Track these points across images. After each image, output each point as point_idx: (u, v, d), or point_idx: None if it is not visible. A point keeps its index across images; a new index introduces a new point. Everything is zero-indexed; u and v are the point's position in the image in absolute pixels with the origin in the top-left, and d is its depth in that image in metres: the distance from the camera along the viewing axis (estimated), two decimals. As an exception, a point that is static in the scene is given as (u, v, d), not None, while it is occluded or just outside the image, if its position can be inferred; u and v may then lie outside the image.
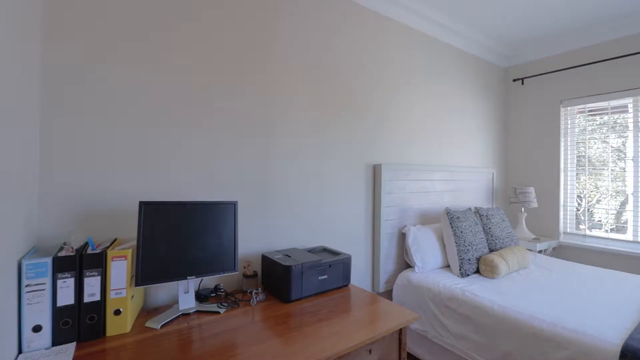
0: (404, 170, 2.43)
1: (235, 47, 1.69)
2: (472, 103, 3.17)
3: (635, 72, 2.72)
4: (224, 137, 1.65)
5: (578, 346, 1.43)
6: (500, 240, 2.48)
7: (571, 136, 3.17)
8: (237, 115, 1.69)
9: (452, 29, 2.83)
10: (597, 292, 1.92)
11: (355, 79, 2.22)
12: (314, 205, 2.00)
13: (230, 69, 1.67)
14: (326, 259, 1.62)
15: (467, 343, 1.80)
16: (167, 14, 1.49)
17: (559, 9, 2.55)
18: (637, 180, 2.79)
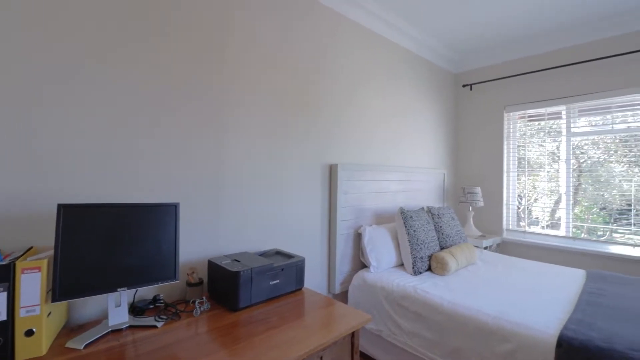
0: (360, 171, 2.42)
1: (186, 46, 1.55)
2: (426, 106, 3.27)
3: (567, 82, 2.97)
4: (170, 136, 1.51)
5: (520, 338, 1.50)
6: (450, 238, 2.58)
7: (513, 140, 3.40)
8: (184, 113, 1.56)
9: (408, 33, 2.90)
10: (536, 285, 2.05)
11: (312, 78, 2.16)
12: (268, 207, 1.91)
13: (179, 67, 1.53)
14: (279, 263, 1.54)
15: (419, 340, 1.83)
16: (115, 9, 1.32)
17: (503, 22, 2.71)
18: (568, 181, 3.05)
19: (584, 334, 1.39)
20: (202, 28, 1.63)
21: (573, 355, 1.34)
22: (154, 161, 1.47)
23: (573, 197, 3.07)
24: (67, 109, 1.26)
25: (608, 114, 2.86)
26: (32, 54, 1.19)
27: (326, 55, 2.27)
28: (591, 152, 3.04)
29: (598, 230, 2.97)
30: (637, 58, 2.63)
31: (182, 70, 1.55)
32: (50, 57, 1.23)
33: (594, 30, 2.78)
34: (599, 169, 2.97)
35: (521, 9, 2.55)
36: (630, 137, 2.78)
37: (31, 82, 1.19)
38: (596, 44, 2.82)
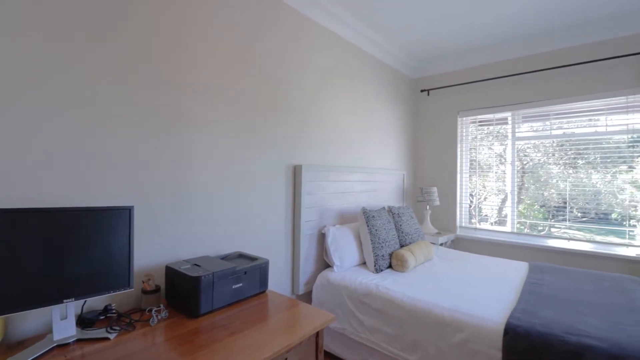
0: (324, 172, 2.45)
1: (144, 47, 1.46)
2: (387, 108, 3.38)
3: (513, 90, 3.23)
4: (126, 137, 1.41)
5: (472, 328, 1.60)
6: (409, 236, 2.69)
7: (465, 143, 3.63)
8: (142, 114, 1.47)
9: (372, 39, 2.98)
10: (486, 278, 2.21)
11: (277, 79, 2.15)
12: (231, 209, 1.86)
13: (138, 67, 1.44)
14: (241, 266, 1.51)
15: (380, 335, 1.88)
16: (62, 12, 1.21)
17: (458, 34, 2.88)
18: (513, 181, 3.32)
19: (527, 322, 1.53)
20: (162, 28, 1.55)
21: (518, 341, 1.46)
22: (109, 163, 1.37)
23: (517, 195, 3.35)
24: (17, 110, 1.13)
25: (547, 120, 3.15)
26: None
27: (292, 57, 2.27)
28: (533, 155, 3.34)
29: (539, 225, 3.26)
30: (571, 71, 2.93)
31: (139, 71, 1.47)
32: None
33: (536, 45, 3.05)
34: (539, 170, 3.27)
35: (474, 24, 2.73)
36: (565, 142, 3.09)
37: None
38: (537, 57, 3.10)
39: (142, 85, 1.49)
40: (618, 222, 2.85)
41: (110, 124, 1.39)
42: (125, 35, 1.43)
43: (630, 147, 2.79)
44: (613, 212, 2.87)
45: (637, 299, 1.80)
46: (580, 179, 3.02)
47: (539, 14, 2.58)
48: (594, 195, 2.95)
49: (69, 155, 1.28)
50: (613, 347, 1.31)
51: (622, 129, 2.78)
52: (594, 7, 2.48)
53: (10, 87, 1.15)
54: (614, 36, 2.72)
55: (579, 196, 3.03)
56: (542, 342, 1.41)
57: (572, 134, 3.04)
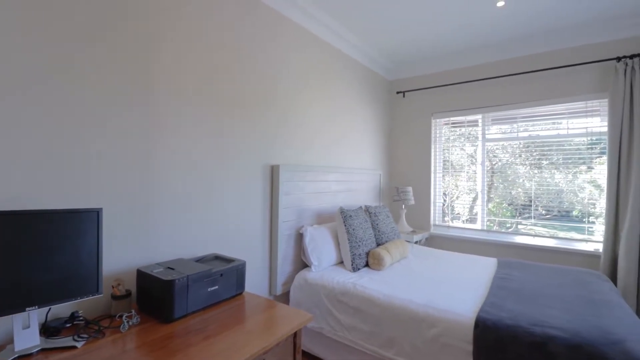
0: (302, 172, 2.45)
1: (116, 45, 1.40)
2: (364, 109, 3.43)
3: (483, 94, 3.37)
4: (94, 137, 1.35)
5: (445, 323, 1.66)
6: (385, 234, 2.74)
7: (439, 143, 3.74)
8: (113, 113, 1.41)
9: (350, 41, 3.02)
10: (458, 274, 2.29)
11: (254, 79, 2.12)
12: (206, 210, 1.82)
13: (109, 66, 1.37)
14: (217, 268, 1.48)
15: (357, 333, 1.91)
16: None
17: (433, 39, 2.97)
18: (483, 181, 3.47)
19: (496, 315, 1.60)
20: (138, 29, 1.49)
21: (487, 333, 1.53)
22: (77, 164, 1.31)
23: (487, 194, 3.49)
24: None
25: (514, 123, 3.31)
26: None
27: (270, 57, 2.25)
28: (501, 156, 3.50)
29: (507, 223, 3.42)
30: (536, 77, 3.09)
31: (112, 70, 1.41)
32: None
33: (504, 51, 3.20)
34: (507, 170, 3.43)
35: (446, 30, 2.82)
36: (531, 144, 3.26)
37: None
38: (506, 62, 3.24)
39: (112, 85, 1.43)
40: (578, 219, 3.04)
41: (76, 124, 1.32)
42: (97, 34, 1.37)
43: (589, 149, 2.99)
44: (574, 210, 3.06)
45: (595, 292, 1.93)
46: (544, 178, 3.19)
47: (507, 23, 2.71)
48: (557, 194, 3.13)
49: (33, 155, 1.21)
50: (573, 337, 1.40)
51: (582, 132, 2.97)
52: (556, 18, 2.63)
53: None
54: (574, 45, 2.90)
55: (543, 195, 3.20)
56: (509, 333, 1.49)
57: (537, 136, 3.21)
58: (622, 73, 2.60)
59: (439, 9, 2.54)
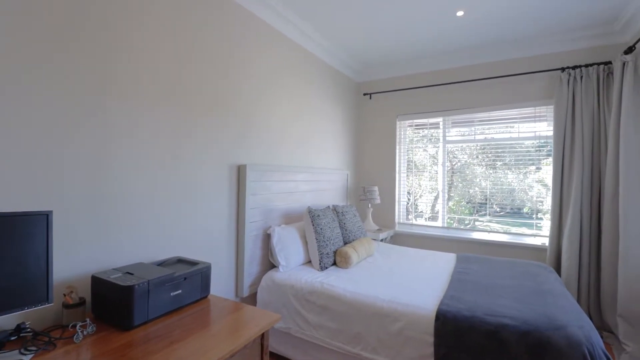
0: (269, 171, 2.43)
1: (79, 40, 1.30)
2: (332, 110, 3.47)
3: (444, 98, 3.54)
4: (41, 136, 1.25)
5: (408, 317, 1.72)
6: (352, 233, 2.80)
7: (403, 144, 3.88)
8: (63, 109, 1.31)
9: (318, 41, 3.03)
10: (420, 269, 2.39)
11: (221, 78, 2.08)
12: (169, 212, 1.75)
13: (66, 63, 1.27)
14: (181, 271, 1.44)
15: (324, 331, 1.93)
16: None
17: (398, 44, 3.07)
18: (444, 180, 3.64)
19: (454, 307, 1.69)
20: (96, 26, 1.40)
21: (447, 325, 1.61)
22: (22, 164, 1.20)
23: (448, 193, 3.68)
24: None
25: (472, 126, 3.51)
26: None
27: (238, 56, 2.21)
28: (460, 157, 3.69)
29: (465, 220, 3.62)
30: (491, 83, 3.29)
31: (67, 67, 1.31)
32: None
33: (463, 58, 3.38)
34: (466, 170, 3.63)
35: (412, 36, 2.92)
36: (487, 146, 3.48)
37: None
38: (465, 69, 3.43)
39: (66, 84, 1.33)
40: (528, 216, 3.29)
41: (22, 120, 1.22)
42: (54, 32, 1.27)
43: (537, 151, 3.24)
44: (525, 207, 3.31)
45: (542, 282, 2.10)
46: (498, 178, 3.42)
47: (465, 32, 2.86)
48: (510, 193, 3.37)
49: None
50: (523, 324, 1.52)
51: (531, 136, 3.21)
52: (509, 30, 2.82)
53: None
54: (525, 55, 3.13)
55: (497, 193, 3.42)
56: (467, 324, 1.58)
57: (492, 138, 3.42)
58: (565, 82, 2.84)
59: (404, 16, 2.63)
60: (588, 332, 1.47)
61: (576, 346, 1.40)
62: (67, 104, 1.35)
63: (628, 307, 2.33)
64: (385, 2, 2.44)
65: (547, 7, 2.49)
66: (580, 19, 2.66)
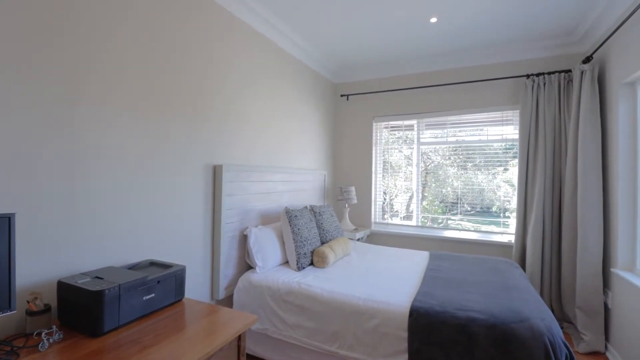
0: (246, 172, 2.41)
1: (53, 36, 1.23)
2: (310, 110, 3.48)
3: (418, 101, 3.64)
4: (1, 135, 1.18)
5: (383, 314, 1.77)
6: (329, 233, 2.82)
7: (379, 145, 3.96)
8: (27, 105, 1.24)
9: (296, 42, 3.04)
10: (395, 268, 2.45)
11: (198, 78, 2.04)
12: (141, 214, 1.70)
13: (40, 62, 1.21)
14: (154, 275, 1.40)
15: (302, 331, 1.95)
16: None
17: (375, 47, 3.13)
18: (418, 181, 3.75)
19: (427, 303, 1.76)
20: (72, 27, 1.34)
21: (420, 320, 1.67)
22: (-29, 161, 1.13)
23: (422, 193, 3.79)
24: None
25: (444, 128, 3.64)
26: None
27: (216, 56, 2.18)
28: (434, 158, 3.82)
29: (438, 219, 3.74)
30: (462, 88, 3.43)
31: (37, 63, 1.24)
32: None
33: (437, 63, 3.49)
34: (439, 171, 3.76)
35: (388, 40, 2.99)
36: (458, 147, 3.62)
37: None
38: (438, 73, 3.55)
39: (32, 79, 1.26)
40: (497, 214, 3.45)
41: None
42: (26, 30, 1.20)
43: (505, 152, 3.41)
44: (493, 206, 3.47)
45: (508, 277, 2.21)
46: (469, 178, 3.56)
47: (439, 38, 2.96)
48: (480, 192, 3.52)
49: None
50: (490, 317, 1.60)
51: (499, 138, 3.37)
52: (479, 37, 2.94)
53: None
54: (494, 62, 3.29)
55: (468, 193, 3.57)
56: (438, 319, 1.65)
57: (463, 141, 3.57)
58: (530, 88, 3.01)
59: (380, 21, 2.69)
60: (549, 323, 1.57)
61: (538, 337, 1.49)
62: (34, 100, 1.28)
63: (585, 300, 2.50)
64: (362, 7, 2.49)
65: (514, 18, 2.62)
66: (543, 30, 2.82)
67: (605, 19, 2.43)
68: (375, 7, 2.49)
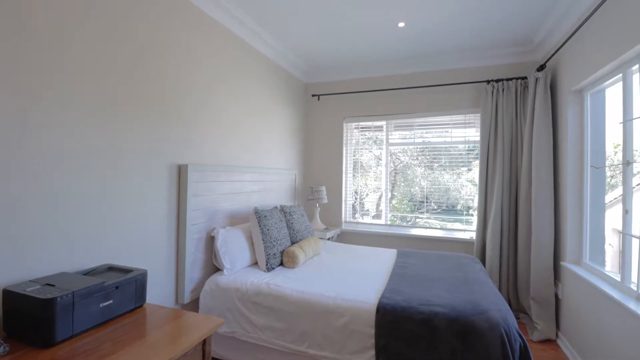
0: (214, 172, 2.35)
1: None
2: (281, 110, 3.46)
3: (387, 103, 3.72)
4: None
5: (352, 311, 1.80)
6: (300, 233, 2.82)
7: (350, 146, 4.01)
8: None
9: (267, 41, 3.01)
10: (365, 266, 2.50)
11: (163, 77, 1.97)
12: (98, 216, 1.61)
13: None
14: (111, 280, 1.33)
15: (270, 332, 1.93)
16: None
17: (346, 49, 3.16)
18: (386, 181, 3.84)
19: (393, 299, 1.81)
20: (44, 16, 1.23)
21: (386, 316, 1.71)
22: None
23: (391, 192, 3.89)
24: None
25: (412, 130, 3.75)
26: None
27: (184, 54, 2.12)
28: (402, 158, 3.93)
29: (407, 217, 3.86)
30: (429, 91, 3.55)
31: None
32: None
33: (404, 66, 3.59)
34: (407, 171, 3.87)
35: (358, 42, 3.03)
36: (425, 148, 3.75)
37: None
38: (406, 76, 3.65)
39: None
40: (461, 212, 3.61)
41: None
42: None
43: (468, 153, 3.58)
44: (458, 204, 3.63)
45: (469, 272, 2.32)
46: (436, 178, 3.70)
47: (406, 42, 3.05)
48: (445, 191, 3.67)
49: None
50: (451, 311, 1.67)
51: (462, 140, 3.53)
52: (444, 43, 3.06)
53: None
54: (458, 67, 3.43)
55: (435, 192, 3.71)
56: (404, 314, 1.70)
57: (429, 142, 3.70)
58: (490, 93, 3.18)
59: (350, 23, 2.73)
60: (505, 314, 1.67)
61: (495, 328, 1.58)
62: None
63: (538, 291, 2.69)
64: (332, 8, 2.51)
65: (476, 27, 2.76)
66: (503, 39, 2.99)
67: (557, 31, 2.62)
68: (344, 8, 2.52)
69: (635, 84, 1.87)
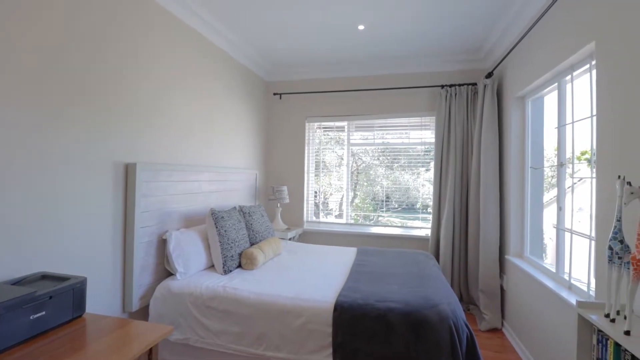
0: (167, 171, 2.24)
1: None
2: (240, 108, 3.38)
3: (348, 103, 3.77)
4: None
5: (310, 311, 1.79)
6: (260, 234, 2.78)
7: (312, 145, 4.01)
8: None
9: (226, 36, 2.92)
10: (324, 264, 2.51)
11: (111, 71, 1.84)
12: (29, 221, 1.46)
13: None
14: (44, 290, 1.22)
15: (226, 337, 1.87)
16: None
17: (308, 48, 3.15)
18: (348, 180, 3.90)
19: (350, 297, 1.83)
20: None
21: (344, 314, 1.73)
22: None
23: (353, 191, 3.95)
24: None
25: (372, 131, 3.84)
26: None
27: (134, 47, 1.99)
28: (364, 158, 4.01)
29: (370, 216, 3.94)
30: (388, 93, 3.65)
31: None
32: None
33: (365, 68, 3.66)
34: (369, 170, 3.96)
35: (320, 43, 3.04)
36: (385, 149, 3.85)
37: None
38: (366, 78, 3.72)
39: None
40: (420, 210, 3.75)
41: None
42: None
43: (425, 154, 3.73)
44: (417, 203, 3.77)
45: (424, 268, 2.42)
46: (396, 178, 3.82)
47: (366, 45, 3.11)
48: (405, 191, 3.80)
49: None
50: (405, 306, 1.73)
51: (419, 142, 3.68)
52: (401, 48, 3.16)
53: None
54: (415, 71, 3.57)
55: (396, 191, 3.83)
56: (361, 311, 1.73)
57: (389, 143, 3.81)
58: (444, 98, 3.33)
59: (310, 23, 2.72)
60: (454, 307, 1.76)
61: (445, 320, 1.65)
62: None
63: (486, 284, 2.87)
64: (294, 7, 2.49)
65: (430, 34, 2.88)
66: (455, 46, 3.15)
67: (503, 41, 2.81)
68: (306, 8, 2.51)
69: (568, 93, 2.06)
